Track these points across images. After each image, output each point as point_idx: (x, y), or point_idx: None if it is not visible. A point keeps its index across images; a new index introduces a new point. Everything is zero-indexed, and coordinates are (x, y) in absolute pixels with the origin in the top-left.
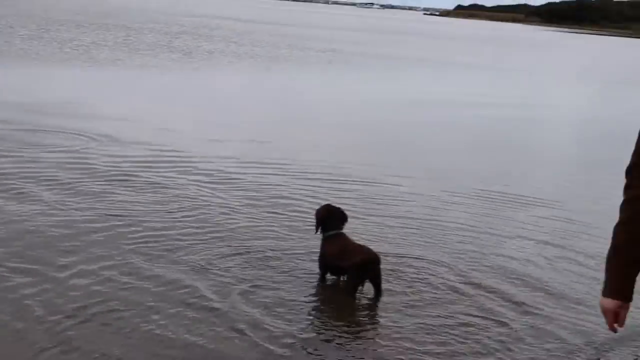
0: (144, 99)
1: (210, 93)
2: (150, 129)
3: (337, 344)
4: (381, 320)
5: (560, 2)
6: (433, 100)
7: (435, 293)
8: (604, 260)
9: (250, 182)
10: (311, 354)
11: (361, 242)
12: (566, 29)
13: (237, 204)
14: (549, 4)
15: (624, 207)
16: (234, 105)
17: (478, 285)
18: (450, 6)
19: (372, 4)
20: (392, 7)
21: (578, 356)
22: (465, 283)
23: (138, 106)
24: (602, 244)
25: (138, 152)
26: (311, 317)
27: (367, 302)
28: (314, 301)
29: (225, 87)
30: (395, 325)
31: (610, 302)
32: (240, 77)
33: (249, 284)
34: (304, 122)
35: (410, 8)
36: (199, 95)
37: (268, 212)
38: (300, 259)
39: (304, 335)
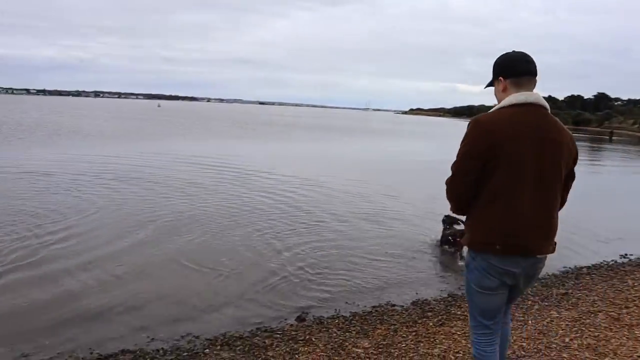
0: None
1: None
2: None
3: None
4: None
5: (459, 107)
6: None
7: None
8: None
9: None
10: None
11: None
12: (461, 120)
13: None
14: (455, 107)
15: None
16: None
17: None
18: (407, 108)
19: (368, 108)
20: (379, 109)
21: None
22: None
23: None
24: None
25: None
26: None
27: None
28: None
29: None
30: None
31: None
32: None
33: None
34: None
35: (387, 110)
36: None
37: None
38: None
39: None
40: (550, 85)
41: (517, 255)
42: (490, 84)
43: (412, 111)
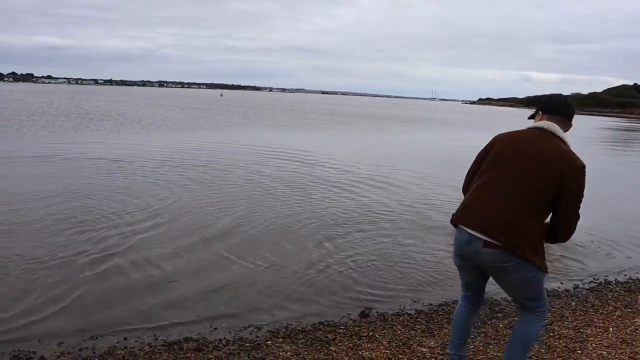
0: None
1: None
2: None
3: None
4: None
5: (533, 96)
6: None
7: None
8: None
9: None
10: None
11: None
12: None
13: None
14: (528, 96)
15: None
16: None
17: None
18: (475, 98)
19: (434, 98)
20: (445, 99)
21: None
22: None
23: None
24: None
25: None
26: None
27: None
28: None
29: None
30: None
31: None
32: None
33: None
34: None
35: (455, 100)
36: None
37: None
38: None
39: None
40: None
41: (462, 227)
42: (532, 116)
43: (481, 101)
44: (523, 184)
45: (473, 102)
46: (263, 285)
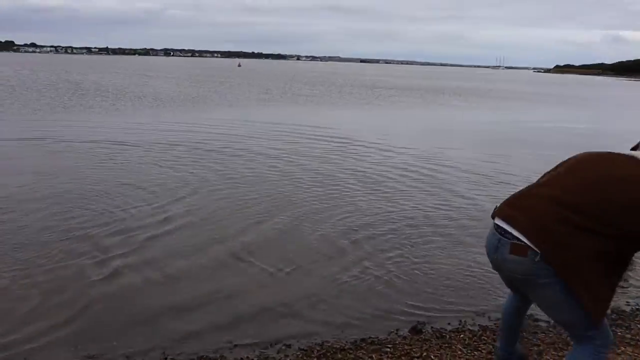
0: None
1: None
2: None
3: None
4: None
5: (627, 61)
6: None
7: None
8: None
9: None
10: None
11: None
12: (629, 79)
13: None
14: (619, 62)
15: None
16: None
17: None
18: (551, 65)
19: (499, 66)
20: (512, 67)
21: None
22: None
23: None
24: None
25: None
26: None
27: None
28: None
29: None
30: None
31: None
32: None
33: None
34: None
35: (525, 68)
36: None
37: None
38: None
39: None
40: None
41: (496, 222)
42: (635, 147)
43: (559, 68)
44: (588, 196)
45: (548, 70)
46: (292, 294)
